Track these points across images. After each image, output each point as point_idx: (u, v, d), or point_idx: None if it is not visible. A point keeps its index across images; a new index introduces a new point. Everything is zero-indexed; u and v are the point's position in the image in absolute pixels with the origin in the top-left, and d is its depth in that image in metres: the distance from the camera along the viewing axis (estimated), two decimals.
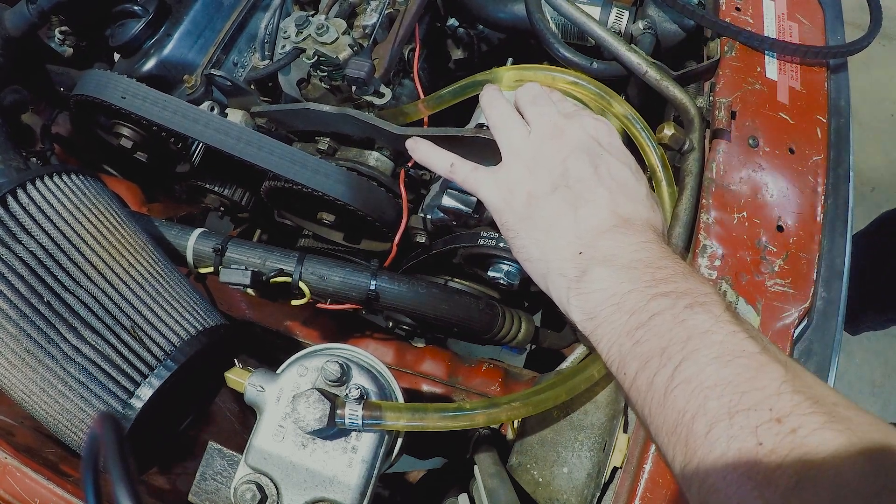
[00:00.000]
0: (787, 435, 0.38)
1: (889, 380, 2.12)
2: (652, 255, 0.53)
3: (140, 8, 0.92)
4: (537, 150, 0.62)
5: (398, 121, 0.85)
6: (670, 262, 0.52)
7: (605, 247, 0.55)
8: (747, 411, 0.40)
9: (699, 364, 0.43)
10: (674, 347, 0.45)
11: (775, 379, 0.41)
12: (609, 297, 0.52)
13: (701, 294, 0.48)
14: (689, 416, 0.42)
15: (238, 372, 0.65)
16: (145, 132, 0.86)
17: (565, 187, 0.59)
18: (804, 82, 0.78)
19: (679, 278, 0.50)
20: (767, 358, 0.42)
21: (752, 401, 0.40)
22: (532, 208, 0.59)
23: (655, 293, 0.49)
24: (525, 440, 0.76)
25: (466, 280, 0.92)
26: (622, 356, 0.49)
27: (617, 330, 0.50)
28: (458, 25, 1.10)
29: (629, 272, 0.52)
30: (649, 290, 0.50)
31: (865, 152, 2.44)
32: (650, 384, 0.46)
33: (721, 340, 0.44)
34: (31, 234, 0.60)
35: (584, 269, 0.54)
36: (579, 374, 0.68)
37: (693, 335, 0.45)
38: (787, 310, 0.66)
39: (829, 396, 0.40)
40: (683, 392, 0.43)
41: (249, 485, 0.59)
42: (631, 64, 0.78)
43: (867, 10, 0.86)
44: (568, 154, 0.60)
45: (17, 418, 0.73)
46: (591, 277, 0.53)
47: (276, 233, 1.14)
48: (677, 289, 0.49)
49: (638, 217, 0.57)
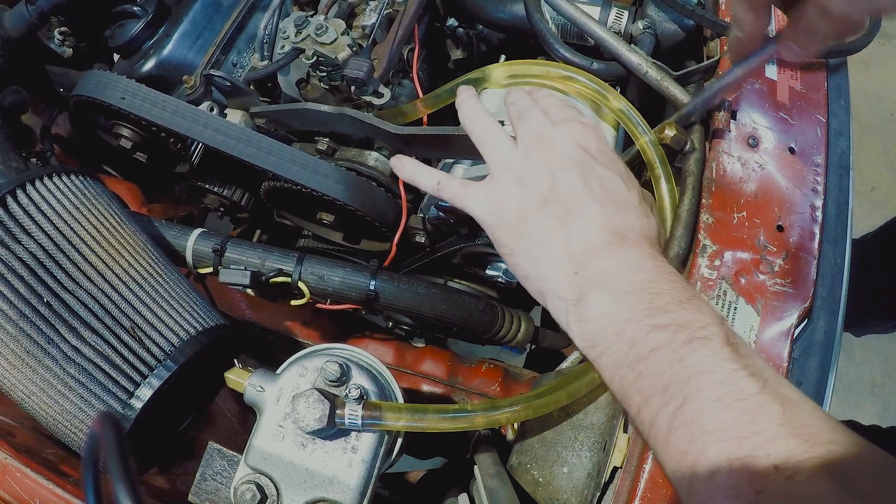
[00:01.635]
0: (784, 482, 0.38)
1: (889, 380, 2.12)
2: (648, 276, 0.52)
3: (139, 9, 0.92)
4: (525, 163, 0.60)
5: (397, 120, 0.85)
6: (667, 286, 0.51)
7: (599, 267, 0.54)
8: (745, 458, 0.40)
9: (699, 406, 0.44)
10: (675, 387, 0.45)
11: (773, 421, 0.41)
12: (609, 325, 0.51)
13: (699, 327, 0.48)
14: (691, 459, 0.43)
15: (238, 372, 0.65)
16: (145, 132, 0.86)
17: (556, 202, 0.57)
18: (804, 82, 0.78)
19: (676, 307, 0.49)
20: (766, 398, 0.43)
21: (750, 447, 0.41)
22: (524, 224, 0.58)
23: (654, 325, 0.49)
24: (525, 440, 0.76)
25: (466, 280, 0.92)
26: (624, 388, 0.49)
27: (618, 361, 0.50)
28: (457, 25, 1.11)
29: (627, 298, 0.51)
30: (648, 319, 0.49)
31: (865, 152, 2.44)
32: (653, 421, 0.46)
33: (721, 381, 0.44)
34: (31, 235, 0.60)
35: (581, 291, 0.54)
36: (581, 378, 0.68)
37: (693, 374, 0.45)
38: (787, 309, 0.66)
39: (825, 434, 0.40)
40: (685, 434, 0.44)
41: (249, 485, 0.59)
42: (631, 64, 0.78)
43: None
44: (557, 167, 0.58)
45: (17, 419, 0.73)
46: (589, 303, 0.53)
47: (275, 233, 1.14)
48: (676, 320, 0.48)
49: (630, 229, 0.56)
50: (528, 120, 0.63)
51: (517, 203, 0.59)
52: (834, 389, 0.67)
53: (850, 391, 1.72)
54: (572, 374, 0.69)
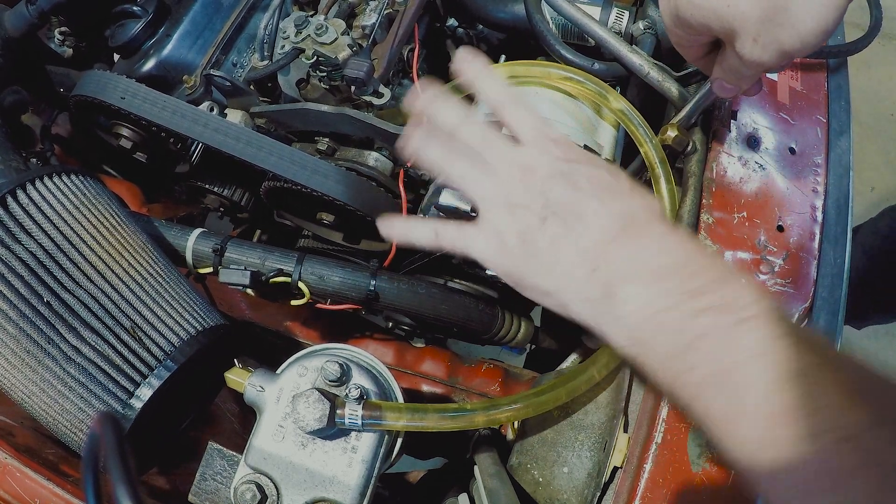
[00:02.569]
0: (856, 451, 0.39)
1: None
2: (675, 257, 0.50)
3: (139, 8, 0.92)
4: (509, 192, 0.57)
5: (397, 120, 0.85)
6: (699, 265, 0.49)
7: (619, 257, 0.52)
8: (815, 436, 0.40)
9: (760, 391, 0.43)
10: (729, 376, 0.44)
11: (838, 392, 0.41)
12: (647, 317, 0.49)
13: (743, 305, 0.46)
14: (761, 446, 0.42)
15: (238, 372, 0.65)
16: (145, 132, 0.86)
17: (552, 214, 0.55)
18: (804, 82, 0.78)
19: (716, 286, 0.47)
20: (827, 371, 0.42)
21: (821, 423, 0.40)
22: (528, 245, 0.56)
23: (696, 309, 0.47)
24: (525, 440, 0.76)
25: (466, 280, 0.92)
26: (673, 381, 0.47)
27: (664, 355, 0.48)
28: (457, 26, 1.10)
29: (660, 285, 0.49)
30: (688, 304, 0.47)
31: (865, 152, 2.44)
32: (706, 412, 0.45)
33: (777, 361, 0.43)
34: (31, 235, 0.60)
35: (606, 287, 0.51)
36: (580, 376, 0.68)
37: (749, 359, 0.44)
38: (788, 309, 0.66)
39: (889, 392, 0.41)
40: (750, 422, 0.43)
41: (249, 485, 0.59)
42: (632, 65, 0.78)
43: (867, 11, 0.86)
44: (542, 185, 0.56)
45: (16, 419, 0.73)
46: (620, 298, 0.50)
47: (275, 233, 1.14)
48: (717, 301, 0.46)
49: (636, 210, 0.54)
50: (497, 153, 0.59)
51: (516, 230, 0.57)
52: None
53: None
54: (571, 372, 0.69)
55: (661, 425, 0.62)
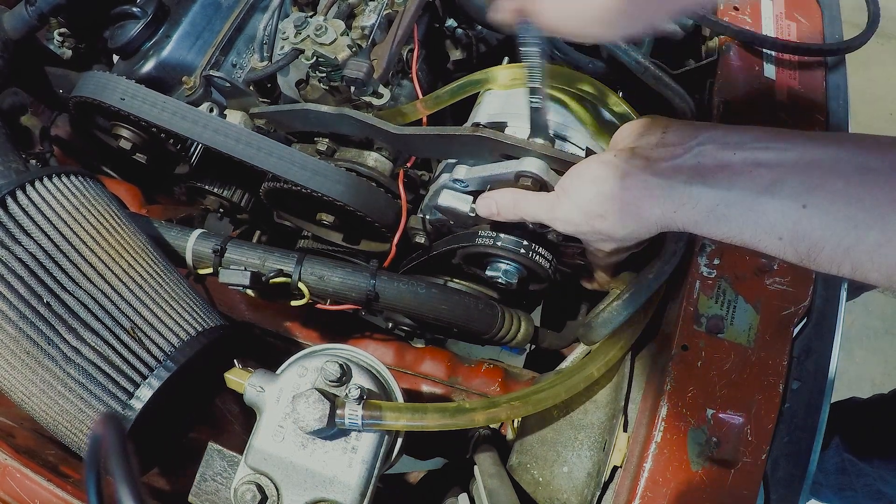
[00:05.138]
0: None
1: (889, 379, 2.12)
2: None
3: (139, 10, 0.92)
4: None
5: (397, 121, 0.85)
6: (737, 136, 0.55)
7: (677, 154, 0.57)
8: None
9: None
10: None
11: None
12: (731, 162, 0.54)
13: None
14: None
15: (238, 373, 0.65)
16: (144, 134, 0.86)
17: (608, 190, 0.61)
18: (802, 81, 0.78)
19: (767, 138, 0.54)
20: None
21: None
22: (602, 197, 0.61)
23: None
24: (525, 440, 0.76)
25: (466, 280, 0.92)
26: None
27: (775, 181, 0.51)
28: (456, 26, 1.10)
29: (733, 137, 0.55)
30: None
31: None
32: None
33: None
34: (31, 236, 0.60)
35: (686, 173, 0.55)
36: (578, 373, 0.68)
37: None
38: (787, 308, 0.66)
39: None
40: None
41: (249, 485, 0.59)
42: (630, 63, 0.78)
43: (865, 10, 0.86)
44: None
45: (17, 420, 0.73)
46: (701, 169, 0.55)
47: (275, 234, 1.14)
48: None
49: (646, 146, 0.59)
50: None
51: (594, 190, 0.62)
52: (833, 388, 0.67)
53: (850, 390, 1.72)
54: (570, 370, 0.69)
55: (661, 424, 0.62)
